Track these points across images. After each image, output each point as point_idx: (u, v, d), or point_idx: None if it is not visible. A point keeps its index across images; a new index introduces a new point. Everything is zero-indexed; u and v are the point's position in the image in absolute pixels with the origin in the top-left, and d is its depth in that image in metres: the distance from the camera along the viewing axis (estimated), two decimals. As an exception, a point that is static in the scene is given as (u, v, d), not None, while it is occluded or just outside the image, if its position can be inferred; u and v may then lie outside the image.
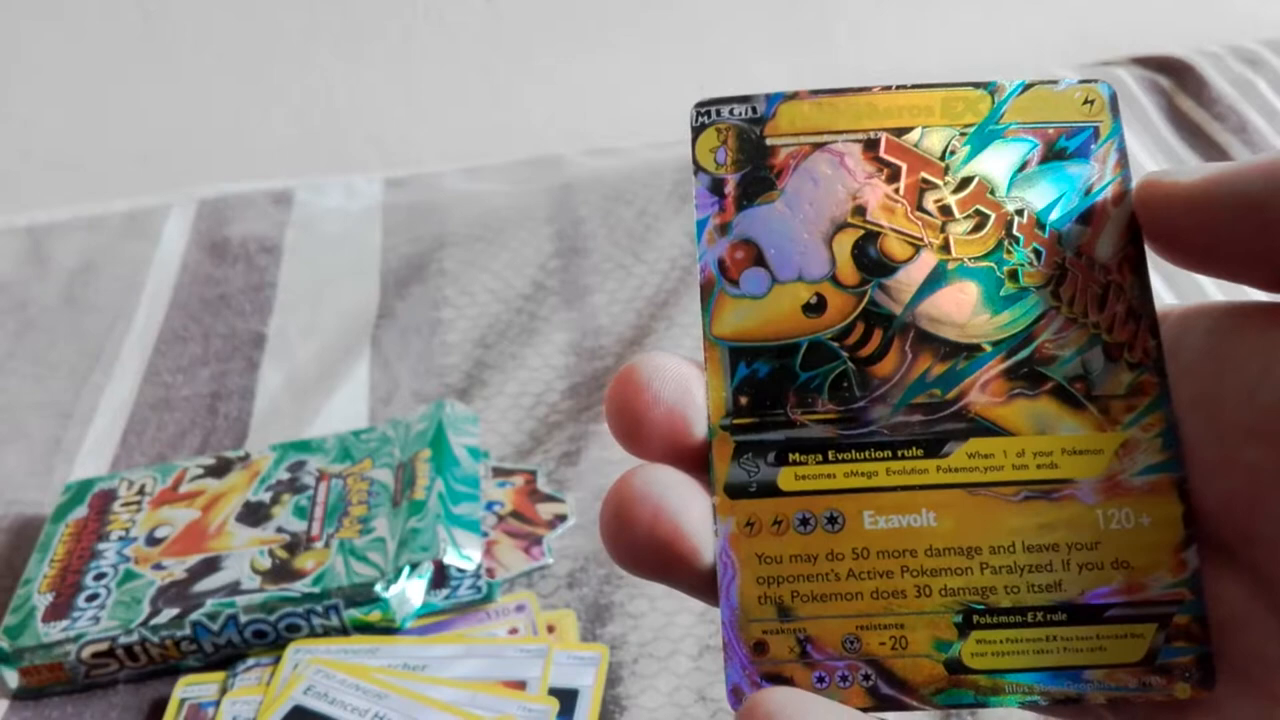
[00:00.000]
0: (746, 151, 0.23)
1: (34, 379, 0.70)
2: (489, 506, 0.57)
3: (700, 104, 0.23)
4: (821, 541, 0.21)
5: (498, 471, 0.59)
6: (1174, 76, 0.86)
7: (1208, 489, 0.21)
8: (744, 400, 0.21)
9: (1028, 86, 0.23)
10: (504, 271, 0.74)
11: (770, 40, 1.02)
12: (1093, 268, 0.22)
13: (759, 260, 0.22)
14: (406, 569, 0.51)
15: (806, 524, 0.21)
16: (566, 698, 0.48)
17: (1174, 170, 0.22)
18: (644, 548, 0.20)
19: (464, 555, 0.52)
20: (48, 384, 0.69)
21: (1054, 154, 0.23)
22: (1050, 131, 0.23)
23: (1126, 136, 0.23)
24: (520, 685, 0.48)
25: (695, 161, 0.23)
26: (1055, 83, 0.23)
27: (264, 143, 0.99)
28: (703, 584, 0.21)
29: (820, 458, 0.21)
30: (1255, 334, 0.21)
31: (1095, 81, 0.23)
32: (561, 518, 0.57)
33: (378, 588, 0.51)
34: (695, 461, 0.21)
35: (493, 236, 0.77)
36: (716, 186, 0.23)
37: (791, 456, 0.21)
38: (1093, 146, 0.23)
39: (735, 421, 0.21)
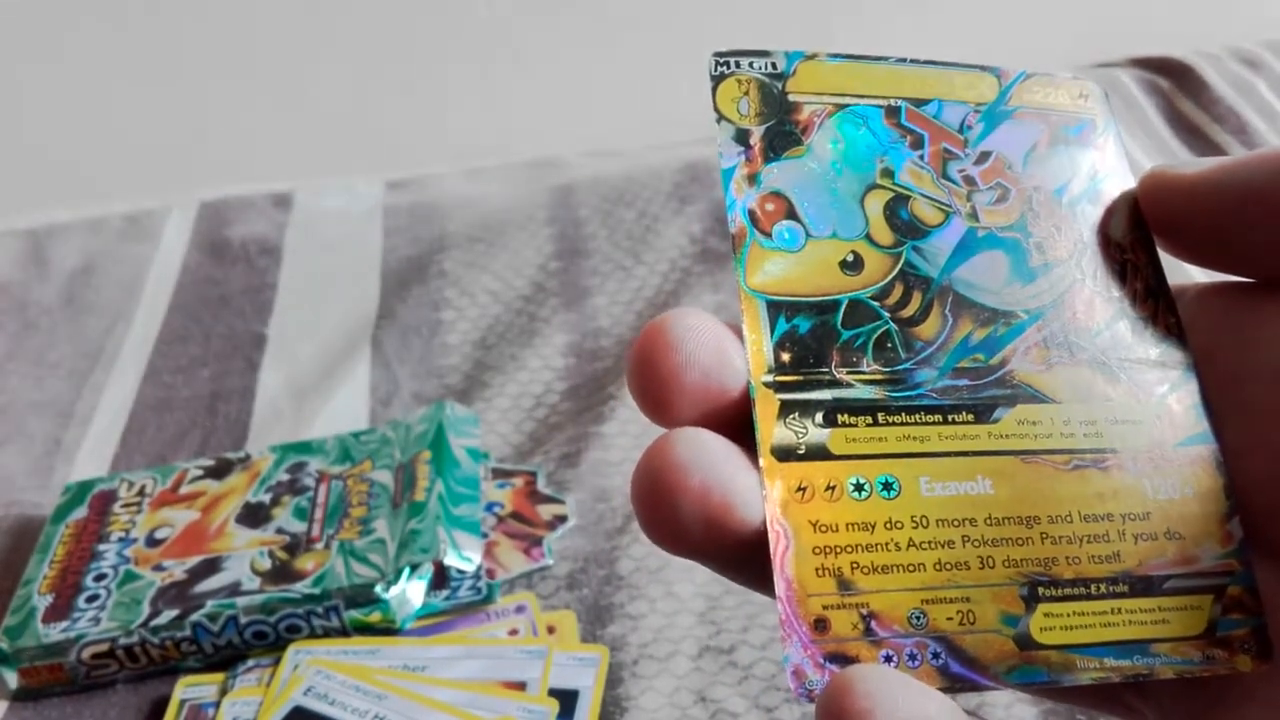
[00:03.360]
0: (770, 104, 0.22)
1: (34, 379, 0.70)
2: (489, 508, 0.57)
3: (719, 54, 0.22)
4: (879, 509, 0.19)
5: (497, 473, 0.59)
6: (1174, 78, 0.86)
7: (1235, 470, 0.21)
8: (786, 357, 0.20)
9: (1028, 76, 0.24)
10: (504, 273, 0.74)
11: (770, 41, 1.02)
12: (1109, 246, 0.22)
13: (791, 214, 0.21)
14: (406, 570, 0.51)
15: (861, 490, 0.20)
16: (567, 699, 0.48)
17: (1178, 163, 0.22)
18: (692, 522, 0.18)
19: (464, 556, 0.52)
20: (48, 384, 0.69)
21: (1059, 139, 0.23)
22: (1053, 118, 0.23)
23: (1126, 138, 0.24)
24: (520, 686, 0.48)
25: (717, 110, 0.22)
26: (1051, 75, 0.24)
27: (264, 143, 0.99)
28: (744, 561, 0.19)
29: (870, 420, 0.20)
30: (1276, 313, 0.21)
31: (1087, 81, 0.24)
32: (561, 519, 0.57)
33: (378, 589, 0.51)
34: (729, 430, 0.19)
35: (493, 238, 0.77)
36: (741, 136, 0.22)
37: (841, 418, 0.20)
38: (1092, 136, 0.23)
39: (779, 379, 0.20)
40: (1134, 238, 0.23)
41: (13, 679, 0.51)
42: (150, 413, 0.66)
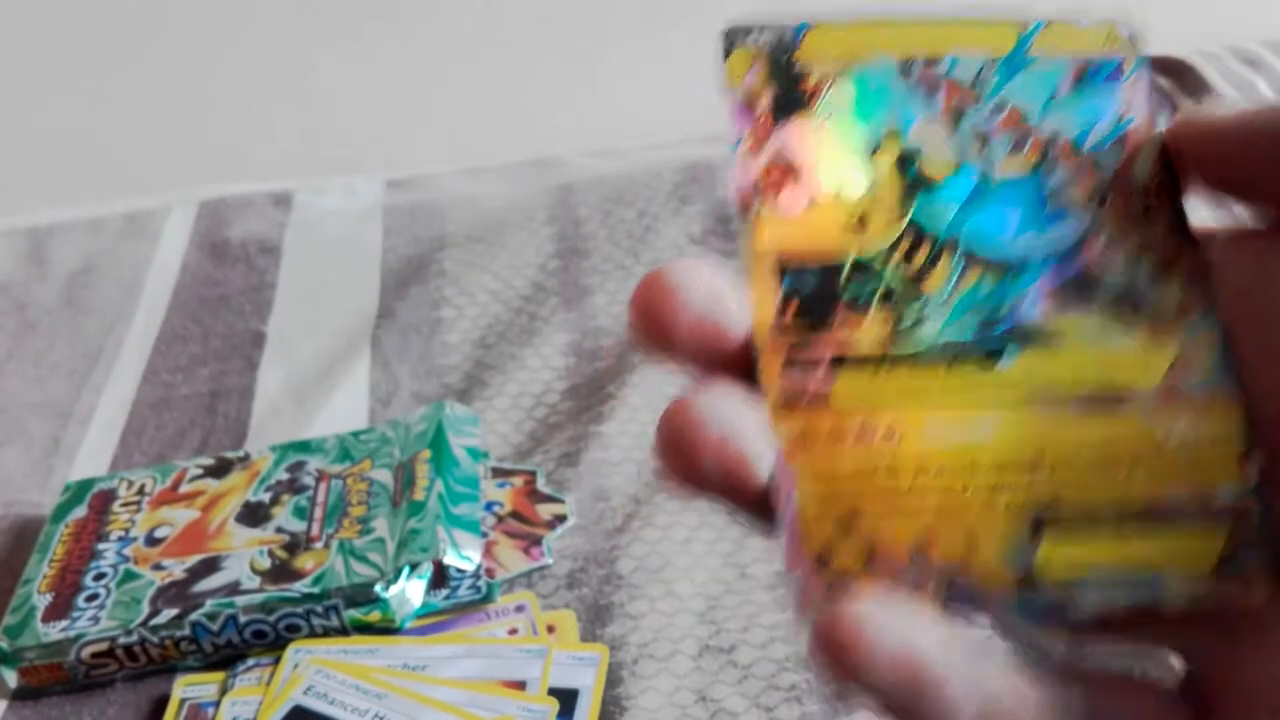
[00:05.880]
0: (778, 73, 0.22)
1: (34, 379, 0.70)
2: (488, 507, 0.57)
3: (728, 29, 0.23)
4: (881, 453, 0.20)
5: (497, 472, 0.59)
6: (1174, 77, 0.86)
7: (1262, 413, 0.21)
8: (791, 313, 0.21)
9: (1051, 22, 0.23)
10: (504, 272, 0.74)
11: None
12: (1130, 190, 0.22)
13: (797, 178, 0.22)
14: (406, 569, 0.51)
15: (864, 437, 0.20)
16: (566, 698, 0.48)
17: (1210, 106, 0.22)
18: (711, 473, 0.19)
19: (464, 556, 0.52)
20: (48, 384, 0.69)
21: (1083, 83, 0.23)
22: (1077, 63, 0.23)
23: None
24: (520, 685, 0.48)
25: (726, 82, 0.22)
26: (1076, 20, 0.23)
27: (264, 143, 0.99)
28: (759, 507, 0.20)
29: (874, 370, 0.21)
30: None
31: (1116, 21, 0.24)
32: (561, 518, 0.57)
33: (377, 588, 0.51)
34: (728, 371, 0.20)
35: (493, 237, 0.77)
36: (749, 106, 0.22)
37: (845, 369, 0.21)
38: (1120, 78, 0.23)
39: (784, 333, 0.21)
40: (1159, 181, 0.22)
41: (12, 678, 0.51)
42: (150, 412, 0.66)
